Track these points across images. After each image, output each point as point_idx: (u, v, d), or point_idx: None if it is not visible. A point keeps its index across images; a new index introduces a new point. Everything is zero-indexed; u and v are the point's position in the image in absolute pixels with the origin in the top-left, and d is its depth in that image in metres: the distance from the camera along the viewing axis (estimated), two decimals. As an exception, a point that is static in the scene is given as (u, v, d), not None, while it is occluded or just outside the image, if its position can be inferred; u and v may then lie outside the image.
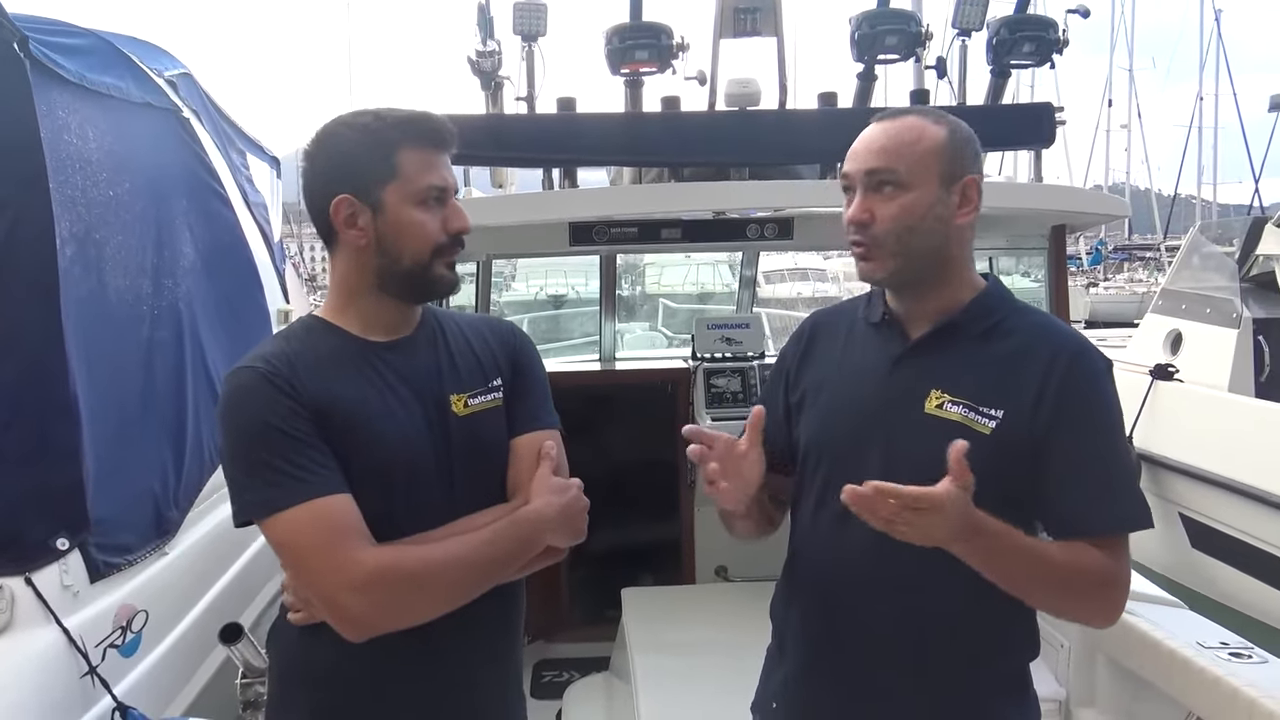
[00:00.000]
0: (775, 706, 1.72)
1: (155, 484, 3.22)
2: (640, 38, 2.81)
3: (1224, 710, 2.23)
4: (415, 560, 1.44)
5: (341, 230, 1.54)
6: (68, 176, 2.85)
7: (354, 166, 1.52)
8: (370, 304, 1.58)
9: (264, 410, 1.45)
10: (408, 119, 1.54)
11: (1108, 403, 1.53)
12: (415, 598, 1.44)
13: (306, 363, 1.52)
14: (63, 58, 2.91)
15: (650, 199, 2.93)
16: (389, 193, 1.51)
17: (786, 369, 1.77)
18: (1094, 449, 1.50)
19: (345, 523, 1.43)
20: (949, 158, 1.52)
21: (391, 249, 1.53)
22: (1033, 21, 2.95)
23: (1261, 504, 5.48)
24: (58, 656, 2.47)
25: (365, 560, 1.40)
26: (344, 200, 1.52)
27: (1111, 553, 1.48)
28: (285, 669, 1.65)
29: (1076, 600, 1.52)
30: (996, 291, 1.62)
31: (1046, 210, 2.92)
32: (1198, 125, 29.24)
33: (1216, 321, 6.63)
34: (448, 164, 1.58)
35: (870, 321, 1.67)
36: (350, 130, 1.54)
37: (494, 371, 1.67)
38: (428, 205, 1.53)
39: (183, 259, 3.69)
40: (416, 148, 1.52)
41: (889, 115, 1.58)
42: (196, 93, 4.42)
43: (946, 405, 1.52)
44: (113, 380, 3.00)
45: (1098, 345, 1.61)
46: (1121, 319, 15.76)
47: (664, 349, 8.19)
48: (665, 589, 3.80)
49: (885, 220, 1.52)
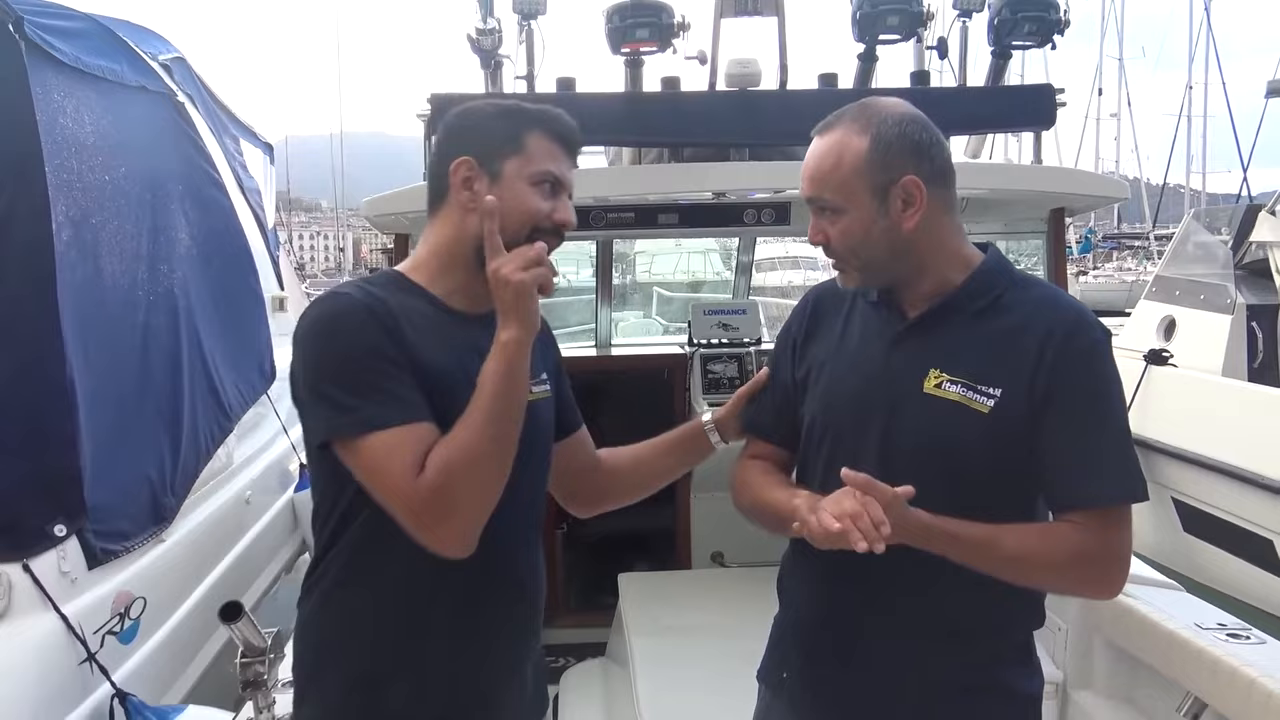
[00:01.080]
0: (786, 677, 1.73)
1: (152, 470, 3.21)
2: (641, 17, 2.79)
3: (1223, 690, 2.24)
4: (456, 449, 1.39)
5: (455, 190, 1.55)
6: (64, 160, 2.83)
7: (483, 135, 1.56)
8: (459, 272, 1.57)
9: (367, 333, 1.42)
10: (546, 111, 1.59)
11: (1104, 375, 1.52)
12: (473, 480, 1.40)
13: (387, 307, 1.49)
14: (58, 40, 2.89)
15: (649, 180, 2.92)
16: (509, 165, 1.54)
17: (793, 340, 1.76)
18: (1088, 423, 1.49)
19: (424, 451, 1.39)
20: (875, 169, 1.50)
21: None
22: (1034, 2, 2.94)
23: (1254, 487, 5.52)
24: (56, 643, 2.47)
25: (426, 484, 1.37)
26: (465, 161, 1.54)
27: (1106, 525, 1.48)
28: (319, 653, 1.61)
29: (1060, 579, 1.54)
30: (995, 265, 1.60)
31: (1046, 192, 2.92)
32: (1187, 114, 29.33)
33: (1210, 307, 6.67)
34: (571, 168, 1.60)
35: (868, 300, 1.67)
36: (490, 106, 1.60)
37: (541, 365, 1.68)
38: (541, 189, 1.55)
39: (178, 245, 3.68)
40: (547, 136, 1.56)
41: (821, 129, 1.57)
42: (191, 77, 4.40)
43: (945, 385, 1.52)
44: (109, 366, 2.99)
45: None
46: (1111, 307, 15.81)
47: (659, 336, 8.18)
48: (662, 574, 3.80)
49: (836, 240, 1.56)
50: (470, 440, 1.40)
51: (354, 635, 1.55)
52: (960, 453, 1.51)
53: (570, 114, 1.87)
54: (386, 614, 1.52)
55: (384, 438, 1.38)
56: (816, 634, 1.67)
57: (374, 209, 2.78)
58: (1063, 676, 2.83)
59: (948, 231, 1.59)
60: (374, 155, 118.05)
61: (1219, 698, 2.27)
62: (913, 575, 1.50)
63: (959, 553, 1.46)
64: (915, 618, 1.55)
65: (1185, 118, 29.08)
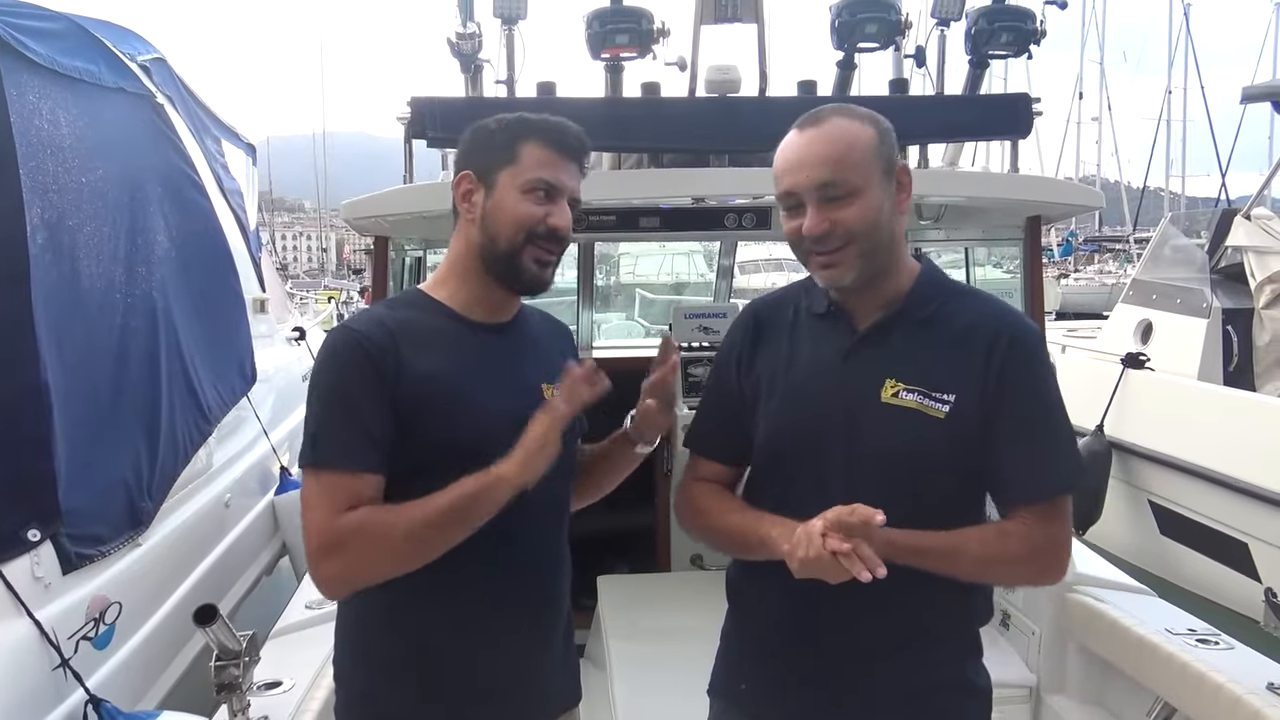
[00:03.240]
0: (745, 688, 1.73)
1: (129, 474, 3.19)
2: (621, 22, 2.80)
3: (1191, 695, 2.27)
4: (377, 526, 1.48)
5: (458, 204, 1.66)
6: (39, 162, 2.81)
7: (483, 148, 1.64)
8: (473, 284, 1.66)
9: (343, 374, 1.53)
10: (546, 120, 1.64)
11: (1045, 376, 1.59)
12: (376, 544, 1.49)
13: (407, 331, 1.58)
14: (33, 41, 2.86)
15: (629, 185, 2.92)
16: (503, 176, 1.61)
17: (737, 355, 1.73)
18: (1032, 423, 1.56)
19: (344, 498, 1.48)
20: (885, 153, 1.56)
21: (491, 227, 1.62)
22: (1011, 12, 2.96)
23: (1229, 491, 5.56)
24: (29, 649, 2.44)
25: (331, 525, 1.47)
26: (465, 176, 1.64)
27: (1046, 518, 1.55)
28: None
29: (1015, 573, 1.66)
30: (932, 275, 1.67)
31: (1022, 200, 2.94)
32: (1166, 118, 29.58)
33: (1187, 311, 6.71)
34: (571, 172, 1.65)
35: (814, 313, 1.67)
36: (495, 122, 1.66)
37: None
38: (534, 196, 1.60)
39: (156, 247, 3.65)
40: (542, 145, 1.62)
41: (811, 121, 1.57)
42: (171, 78, 4.37)
43: (901, 393, 1.55)
44: (85, 369, 2.97)
45: (1068, 335, 1.65)
46: (1091, 310, 15.92)
47: (641, 338, 8.18)
48: (641, 577, 3.81)
49: (849, 224, 1.53)
50: (397, 526, 1.47)
51: (380, 630, 1.64)
52: (922, 459, 1.55)
53: None
54: (410, 610, 1.60)
55: (330, 479, 1.49)
56: (776, 643, 1.66)
57: (353, 211, 2.78)
58: (1036, 680, 2.86)
59: (903, 233, 1.66)
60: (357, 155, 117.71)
61: (1188, 702, 2.30)
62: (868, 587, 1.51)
63: (925, 564, 1.50)
64: (877, 621, 1.57)
65: (1165, 122, 29.37)
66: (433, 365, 1.55)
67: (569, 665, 1.84)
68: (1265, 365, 6.37)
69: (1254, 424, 5.59)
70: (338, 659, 1.72)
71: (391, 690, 1.63)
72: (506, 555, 1.60)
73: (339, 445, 1.50)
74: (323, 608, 2.65)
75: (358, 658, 1.68)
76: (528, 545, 1.64)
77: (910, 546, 1.47)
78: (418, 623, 1.61)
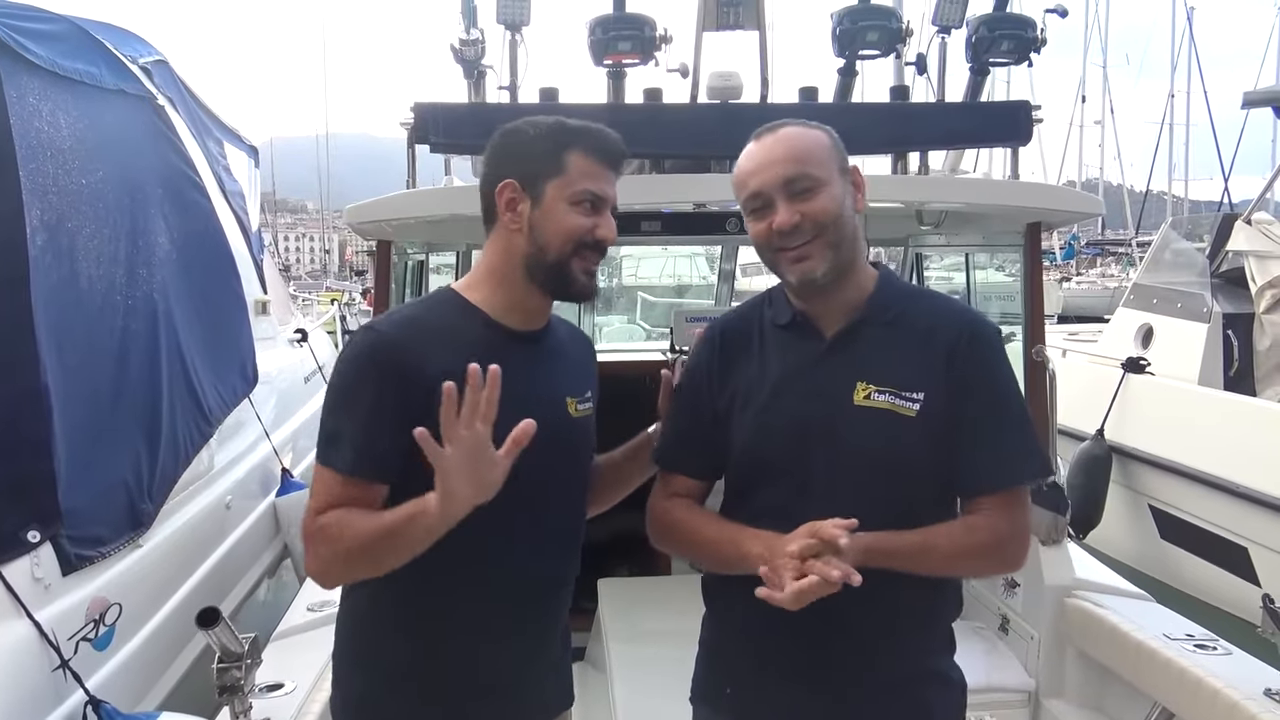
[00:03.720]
0: (730, 692, 1.74)
1: (129, 474, 3.19)
2: (623, 29, 2.81)
3: (1189, 700, 2.27)
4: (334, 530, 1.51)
5: (501, 212, 1.63)
6: (39, 164, 2.81)
7: (526, 157, 1.62)
8: (513, 290, 1.65)
9: (356, 376, 1.56)
10: (587, 128, 1.64)
11: (1004, 370, 1.66)
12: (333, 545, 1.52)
13: (435, 334, 1.58)
14: (33, 43, 2.87)
15: (631, 190, 2.92)
16: (551, 187, 1.60)
17: (706, 372, 1.74)
18: (988, 414, 1.61)
19: (335, 497, 1.51)
20: (837, 153, 1.65)
21: (540, 238, 1.61)
22: (1012, 20, 2.98)
23: (1229, 495, 5.56)
24: (28, 650, 2.45)
25: (309, 520, 1.53)
26: (509, 184, 1.61)
27: (1005, 508, 1.60)
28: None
29: (980, 564, 1.71)
30: (890, 280, 1.73)
31: (1022, 207, 2.95)
32: (1169, 122, 29.56)
33: (1187, 316, 6.71)
34: (613, 181, 1.66)
35: (778, 324, 1.70)
36: (533, 127, 1.64)
37: (587, 382, 1.77)
38: (582, 208, 1.61)
39: (157, 248, 3.66)
40: (588, 155, 1.62)
41: (768, 130, 1.66)
42: (172, 80, 4.38)
43: (874, 395, 1.60)
44: (85, 370, 2.97)
45: (1069, 338, 1.67)
46: (1093, 313, 15.91)
47: (642, 342, 8.18)
48: (641, 580, 3.81)
49: (815, 216, 1.60)
50: (342, 540, 1.51)
51: (382, 633, 1.65)
52: (898, 458, 1.59)
53: None
54: (414, 611, 1.62)
55: (326, 476, 1.54)
56: (756, 644, 1.68)
57: (356, 216, 2.78)
58: (1035, 685, 2.86)
59: (862, 234, 1.71)
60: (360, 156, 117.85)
61: (1185, 707, 2.30)
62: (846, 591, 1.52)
63: (897, 564, 1.54)
64: (859, 620, 1.58)
65: (1168, 125, 29.35)
66: (453, 369, 1.48)
67: (565, 669, 1.86)
68: (1266, 370, 6.37)
69: (1254, 429, 5.59)
70: (337, 661, 1.73)
71: (392, 692, 1.64)
72: (518, 557, 1.62)
73: (344, 448, 1.53)
74: (324, 610, 2.66)
75: (358, 660, 1.69)
76: (540, 550, 1.66)
77: (883, 549, 1.51)
78: (421, 624, 1.62)
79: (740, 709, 1.72)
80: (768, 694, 1.69)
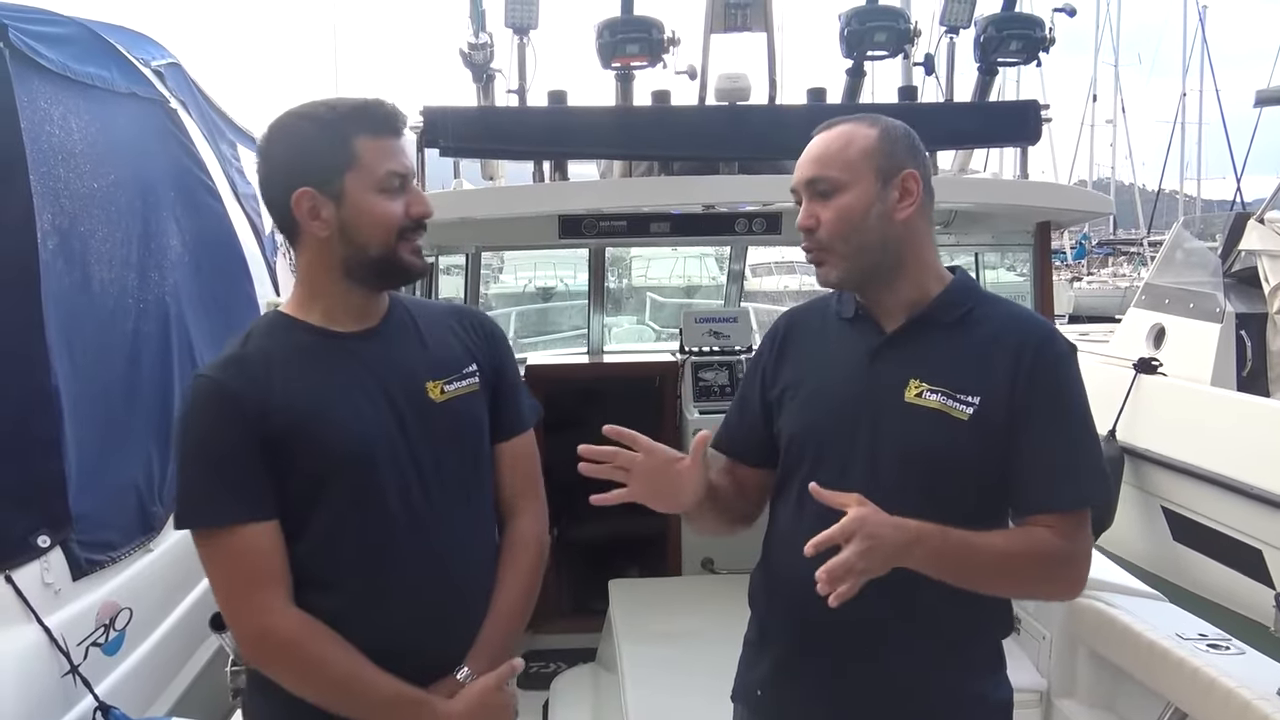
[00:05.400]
0: (760, 694, 1.73)
1: (140, 479, 3.20)
2: (631, 32, 2.81)
3: (1202, 700, 2.26)
4: (308, 656, 1.49)
5: (304, 223, 1.53)
6: (50, 168, 2.83)
7: (312, 158, 1.51)
8: (336, 295, 1.57)
9: (202, 427, 1.50)
10: (361, 107, 1.53)
11: (1072, 386, 1.58)
12: (297, 678, 1.51)
13: (264, 364, 1.53)
14: (44, 47, 2.88)
15: (640, 192, 2.93)
16: (349, 181, 1.50)
17: (763, 366, 1.77)
18: (1056, 430, 1.55)
19: (255, 563, 1.48)
20: (883, 154, 1.57)
21: (356, 237, 1.52)
22: (1020, 20, 2.96)
23: (1243, 497, 5.53)
24: (38, 656, 2.45)
25: (273, 622, 1.48)
26: (305, 193, 1.50)
27: (1068, 530, 1.53)
28: None
29: (1033, 583, 1.60)
30: (964, 283, 1.67)
31: (1032, 206, 2.94)
32: (1181, 121, 29.41)
33: (1199, 316, 6.67)
34: (404, 150, 1.56)
35: (843, 317, 1.69)
36: (305, 122, 1.53)
37: (468, 358, 1.68)
38: (390, 192, 1.52)
39: (169, 252, 3.67)
40: (373, 135, 1.51)
41: (827, 125, 1.63)
42: (185, 83, 4.39)
43: (925, 394, 1.56)
44: (96, 374, 2.98)
45: (1080, 338, 1.64)
46: (1104, 313, 15.84)
47: (652, 343, 8.19)
48: (652, 581, 3.81)
49: (828, 223, 1.57)
50: (310, 680, 1.49)
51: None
52: (943, 459, 1.55)
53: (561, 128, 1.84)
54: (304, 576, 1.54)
55: (213, 539, 1.48)
56: (791, 651, 1.67)
57: None
58: (1046, 685, 2.84)
59: (927, 241, 1.66)
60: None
61: (1198, 707, 2.29)
62: (886, 595, 1.50)
63: (941, 557, 1.46)
64: (891, 630, 1.57)
65: (1180, 125, 29.19)
66: (287, 390, 1.50)
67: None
68: (1279, 371, 6.33)
69: (1268, 430, 5.55)
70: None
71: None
72: (405, 547, 1.57)
73: (210, 502, 1.49)
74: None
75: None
76: (425, 530, 1.59)
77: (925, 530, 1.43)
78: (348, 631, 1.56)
79: (771, 712, 1.72)
80: (793, 703, 1.68)
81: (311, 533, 1.53)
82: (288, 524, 1.51)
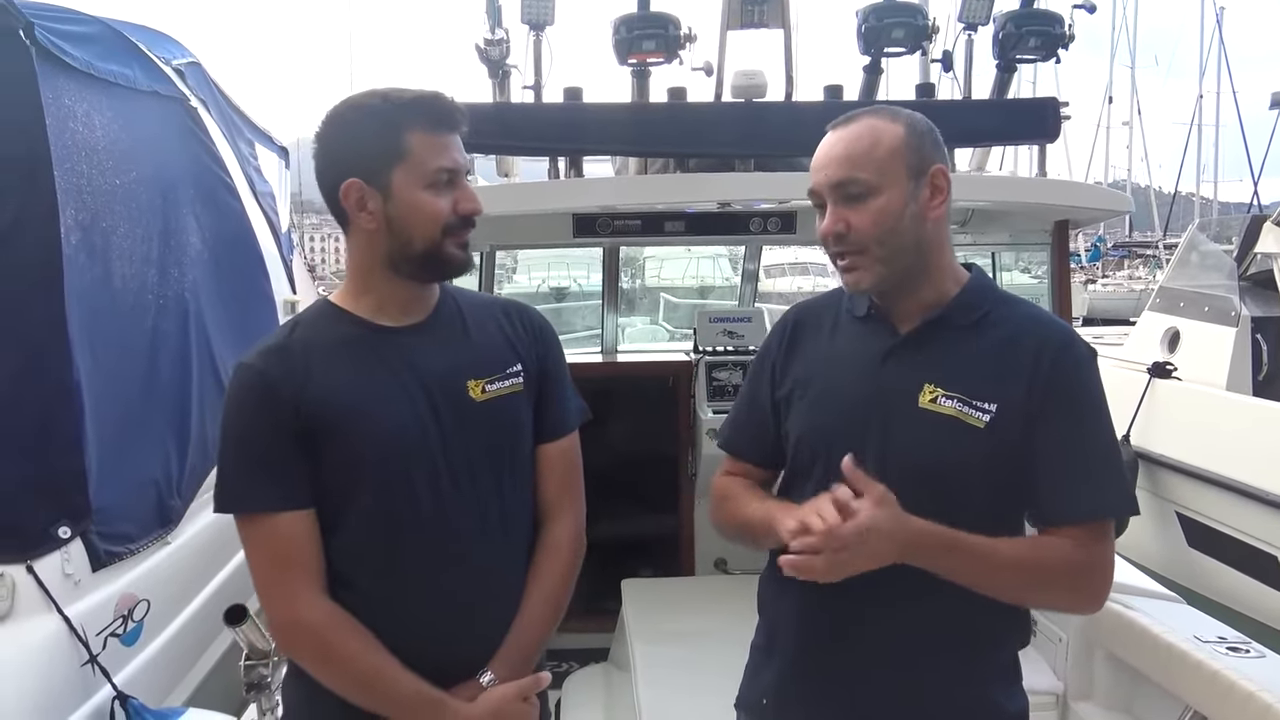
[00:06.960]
0: (766, 703, 1.70)
1: (158, 472, 3.22)
2: (648, 28, 2.81)
3: (1221, 704, 2.24)
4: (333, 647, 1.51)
5: (353, 214, 1.53)
6: (73, 164, 2.85)
7: (363, 149, 1.51)
8: (384, 287, 1.57)
9: (241, 415, 1.53)
10: (417, 100, 1.52)
11: (1093, 392, 1.53)
12: (321, 668, 1.53)
13: (305, 355, 1.54)
14: (69, 45, 2.90)
15: (655, 189, 2.94)
16: (398, 175, 1.50)
17: (771, 362, 1.72)
18: (1077, 438, 1.50)
19: (288, 550, 1.50)
20: (912, 151, 1.50)
21: (402, 232, 1.52)
22: (1039, 16, 2.95)
23: (1258, 503, 5.49)
24: (58, 645, 2.47)
25: (301, 612, 1.51)
26: (353, 184, 1.51)
27: (1087, 540, 1.49)
28: None
29: (1050, 592, 1.55)
30: (981, 282, 1.61)
31: (1050, 205, 2.92)
32: (1198, 123, 29.22)
33: (1214, 320, 6.62)
34: (458, 145, 1.56)
35: (855, 315, 1.64)
36: (358, 113, 1.53)
37: (514, 357, 1.66)
38: (437, 187, 1.52)
39: (189, 249, 3.69)
40: (426, 130, 1.51)
41: (843, 121, 1.55)
42: (205, 82, 4.41)
43: (940, 399, 1.51)
44: (116, 369, 3.00)
45: (1094, 341, 1.61)
46: (1119, 316, 15.78)
47: (665, 343, 8.19)
48: (665, 581, 3.81)
49: (863, 228, 1.50)
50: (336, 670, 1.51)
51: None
52: (956, 468, 1.50)
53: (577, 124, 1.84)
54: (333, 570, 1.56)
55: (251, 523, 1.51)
56: (796, 660, 1.64)
57: None
58: (1063, 688, 2.83)
59: (947, 239, 1.61)
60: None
61: (1216, 710, 2.27)
62: (899, 602, 1.49)
63: (956, 561, 1.44)
64: (903, 644, 1.54)
65: (1196, 127, 29.02)
66: (328, 383, 1.52)
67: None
68: (1296, 375, 6.29)
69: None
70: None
71: None
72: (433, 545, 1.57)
73: (246, 489, 1.52)
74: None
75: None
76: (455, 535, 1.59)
77: (941, 535, 1.41)
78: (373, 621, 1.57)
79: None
80: (798, 713, 1.66)
81: (343, 525, 1.54)
82: (321, 516, 1.53)
